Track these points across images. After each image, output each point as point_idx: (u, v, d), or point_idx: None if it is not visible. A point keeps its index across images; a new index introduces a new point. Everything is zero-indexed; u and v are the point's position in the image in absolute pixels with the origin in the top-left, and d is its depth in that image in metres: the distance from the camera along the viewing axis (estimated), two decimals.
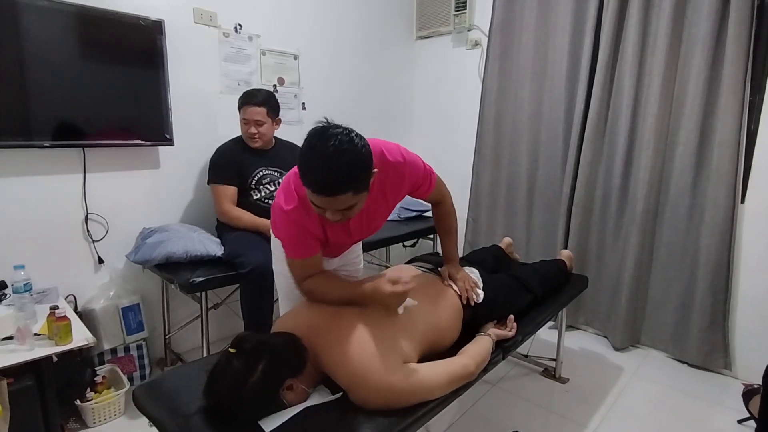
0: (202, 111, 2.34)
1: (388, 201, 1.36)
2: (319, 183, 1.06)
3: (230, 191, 2.14)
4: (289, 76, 2.70)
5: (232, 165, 2.14)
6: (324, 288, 1.31)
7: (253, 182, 2.18)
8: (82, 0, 1.83)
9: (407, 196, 1.47)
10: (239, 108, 2.14)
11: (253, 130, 2.12)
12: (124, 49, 1.95)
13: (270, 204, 2.15)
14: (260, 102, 2.10)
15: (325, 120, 1.11)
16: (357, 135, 1.10)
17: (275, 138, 2.29)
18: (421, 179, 1.40)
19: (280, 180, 2.22)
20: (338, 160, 1.04)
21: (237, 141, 2.21)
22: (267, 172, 2.21)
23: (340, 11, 2.91)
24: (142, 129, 2.06)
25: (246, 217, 2.12)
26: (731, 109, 2.11)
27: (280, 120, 2.24)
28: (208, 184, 2.18)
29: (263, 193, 2.19)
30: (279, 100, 2.23)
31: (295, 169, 1.23)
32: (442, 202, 1.60)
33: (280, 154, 2.28)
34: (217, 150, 2.19)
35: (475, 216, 3.15)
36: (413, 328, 1.23)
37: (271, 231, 1.59)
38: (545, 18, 2.70)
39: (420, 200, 1.55)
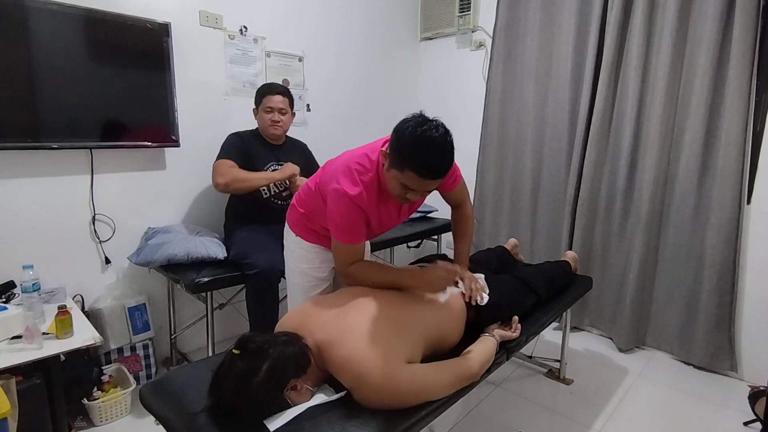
0: (208, 112, 2.35)
1: None
2: (432, 168, 1.21)
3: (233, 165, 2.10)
4: (294, 78, 2.71)
5: (242, 150, 2.13)
6: (370, 271, 1.40)
7: None
8: (90, 3, 1.85)
9: None
10: (260, 98, 2.16)
11: (277, 117, 2.15)
12: (132, 51, 1.96)
13: (279, 204, 2.17)
14: (282, 91, 2.18)
15: (419, 114, 1.24)
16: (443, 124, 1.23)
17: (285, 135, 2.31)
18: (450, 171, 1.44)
19: None
20: (446, 148, 1.20)
21: (251, 132, 2.24)
22: (278, 166, 2.19)
23: (345, 13, 2.93)
24: (149, 130, 2.07)
25: (256, 175, 2.08)
26: (737, 109, 2.10)
27: (294, 114, 2.28)
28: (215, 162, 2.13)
29: (272, 192, 2.18)
30: None
31: (353, 155, 1.36)
32: (462, 206, 1.66)
33: (290, 151, 2.30)
34: (231, 134, 2.19)
35: (479, 217, 3.15)
36: (417, 328, 1.23)
37: (286, 224, 1.63)
38: (549, 19, 2.70)
39: (424, 202, 1.56)
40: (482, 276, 1.64)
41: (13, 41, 1.68)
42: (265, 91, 2.16)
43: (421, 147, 1.18)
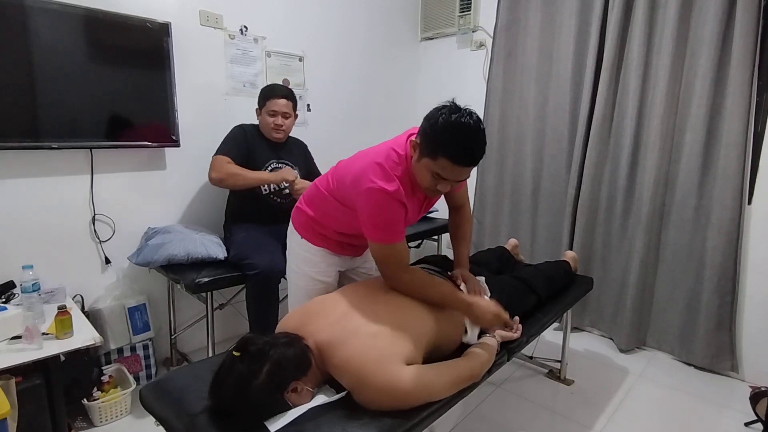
0: (209, 112, 2.35)
1: None
2: (466, 153, 1.19)
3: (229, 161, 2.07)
4: (294, 78, 2.71)
5: (243, 146, 2.12)
6: (424, 281, 1.36)
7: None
8: (90, 3, 1.85)
9: None
10: (264, 101, 2.14)
11: (280, 121, 2.14)
12: (132, 51, 1.96)
13: (279, 201, 2.17)
14: (286, 95, 2.16)
15: (451, 102, 1.23)
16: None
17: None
18: None
19: None
20: (479, 134, 1.19)
21: (255, 127, 2.22)
22: (278, 165, 2.19)
23: (345, 13, 2.92)
24: (149, 130, 2.07)
25: (250, 174, 2.06)
26: (738, 109, 2.10)
27: (297, 115, 2.26)
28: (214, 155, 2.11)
29: (273, 188, 2.16)
30: None
31: (377, 152, 1.31)
32: (462, 208, 1.65)
33: (292, 150, 2.29)
34: (235, 128, 2.17)
35: (479, 217, 3.15)
36: (418, 329, 1.23)
37: (291, 226, 1.61)
38: (550, 19, 2.70)
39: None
40: (482, 278, 1.64)
41: (12, 40, 1.68)
42: (270, 94, 2.14)
43: (456, 133, 1.17)
